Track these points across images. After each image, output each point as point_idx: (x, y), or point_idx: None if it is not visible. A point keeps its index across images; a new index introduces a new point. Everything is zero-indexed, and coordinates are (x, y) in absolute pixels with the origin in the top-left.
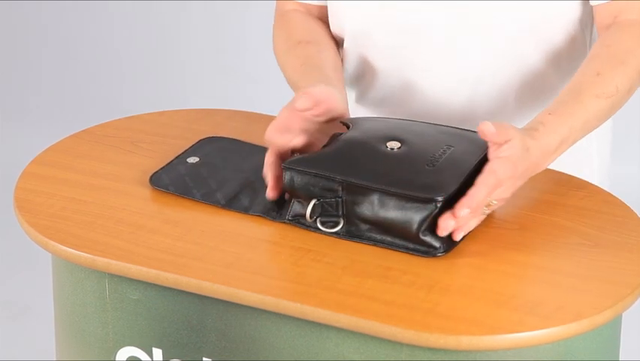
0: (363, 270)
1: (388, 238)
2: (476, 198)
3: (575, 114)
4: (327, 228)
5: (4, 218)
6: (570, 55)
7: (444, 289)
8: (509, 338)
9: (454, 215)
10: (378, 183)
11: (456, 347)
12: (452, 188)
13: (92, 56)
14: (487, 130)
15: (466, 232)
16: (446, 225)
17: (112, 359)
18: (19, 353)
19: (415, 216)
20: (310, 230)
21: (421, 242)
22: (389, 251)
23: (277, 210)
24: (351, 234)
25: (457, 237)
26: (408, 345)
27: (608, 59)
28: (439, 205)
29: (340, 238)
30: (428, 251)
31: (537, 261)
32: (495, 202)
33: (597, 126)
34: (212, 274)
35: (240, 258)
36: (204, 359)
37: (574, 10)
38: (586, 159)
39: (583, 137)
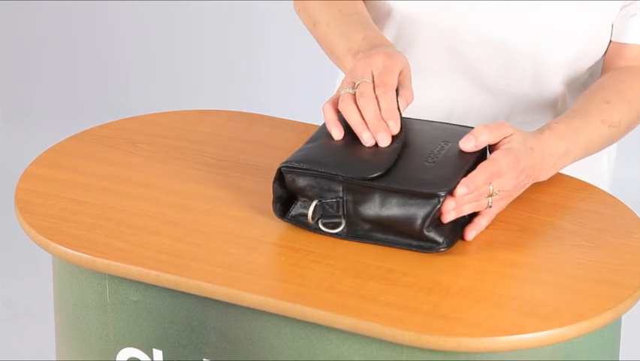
0: (363, 271)
1: (391, 237)
2: (474, 181)
3: (580, 131)
4: (328, 229)
5: (4, 219)
6: (587, 85)
7: (444, 291)
8: (509, 339)
9: (452, 195)
10: (380, 181)
11: (456, 348)
12: (454, 182)
13: (93, 56)
14: (481, 138)
15: (478, 231)
16: (447, 206)
17: (112, 359)
18: (19, 353)
19: (418, 212)
20: (311, 230)
21: (424, 238)
22: (389, 253)
23: (282, 206)
24: (352, 234)
25: (469, 236)
26: (408, 347)
27: (617, 93)
28: (441, 200)
29: (342, 238)
30: (431, 247)
31: (537, 262)
32: (497, 193)
33: (596, 152)
34: (212, 275)
35: (240, 259)
36: (204, 360)
37: (604, 47)
38: (596, 162)
39: (583, 157)
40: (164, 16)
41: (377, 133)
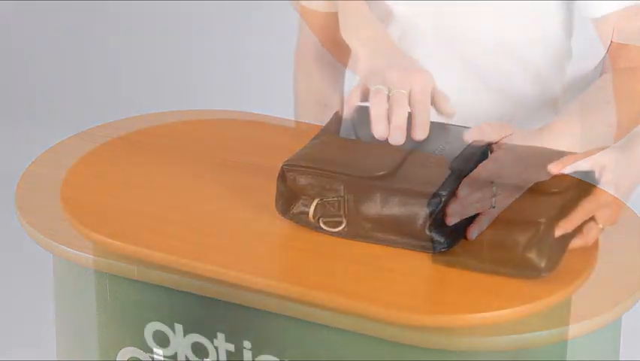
0: (364, 271)
1: (391, 236)
2: (476, 180)
3: (578, 130)
4: (329, 227)
5: (4, 219)
6: (554, 77)
7: (445, 290)
8: (509, 339)
9: (456, 196)
10: (382, 180)
11: (456, 348)
12: (456, 182)
13: (93, 56)
14: (486, 129)
15: (480, 231)
16: (452, 209)
17: (113, 359)
18: (19, 353)
19: (420, 211)
20: (312, 229)
21: (425, 238)
22: (391, 252)
23: (284, 203)
24: (354, 233)
25: (472, 236)
26: (409, 346)
27: (617, 94)
28: (443, 200)
29: (343, 237)
30: (432, 247)
31: None
32: (500, 193)
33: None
34: (213, 274)
35: (241, 259)
36: (205, 360)
37: (607, 48)
38: None
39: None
40: (165, 16)
41: (396, 128)
